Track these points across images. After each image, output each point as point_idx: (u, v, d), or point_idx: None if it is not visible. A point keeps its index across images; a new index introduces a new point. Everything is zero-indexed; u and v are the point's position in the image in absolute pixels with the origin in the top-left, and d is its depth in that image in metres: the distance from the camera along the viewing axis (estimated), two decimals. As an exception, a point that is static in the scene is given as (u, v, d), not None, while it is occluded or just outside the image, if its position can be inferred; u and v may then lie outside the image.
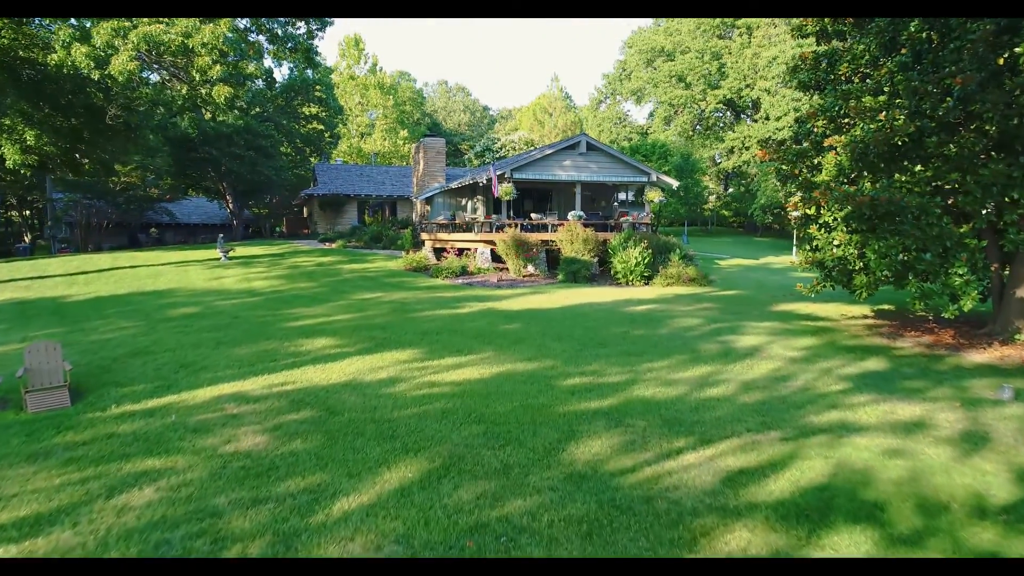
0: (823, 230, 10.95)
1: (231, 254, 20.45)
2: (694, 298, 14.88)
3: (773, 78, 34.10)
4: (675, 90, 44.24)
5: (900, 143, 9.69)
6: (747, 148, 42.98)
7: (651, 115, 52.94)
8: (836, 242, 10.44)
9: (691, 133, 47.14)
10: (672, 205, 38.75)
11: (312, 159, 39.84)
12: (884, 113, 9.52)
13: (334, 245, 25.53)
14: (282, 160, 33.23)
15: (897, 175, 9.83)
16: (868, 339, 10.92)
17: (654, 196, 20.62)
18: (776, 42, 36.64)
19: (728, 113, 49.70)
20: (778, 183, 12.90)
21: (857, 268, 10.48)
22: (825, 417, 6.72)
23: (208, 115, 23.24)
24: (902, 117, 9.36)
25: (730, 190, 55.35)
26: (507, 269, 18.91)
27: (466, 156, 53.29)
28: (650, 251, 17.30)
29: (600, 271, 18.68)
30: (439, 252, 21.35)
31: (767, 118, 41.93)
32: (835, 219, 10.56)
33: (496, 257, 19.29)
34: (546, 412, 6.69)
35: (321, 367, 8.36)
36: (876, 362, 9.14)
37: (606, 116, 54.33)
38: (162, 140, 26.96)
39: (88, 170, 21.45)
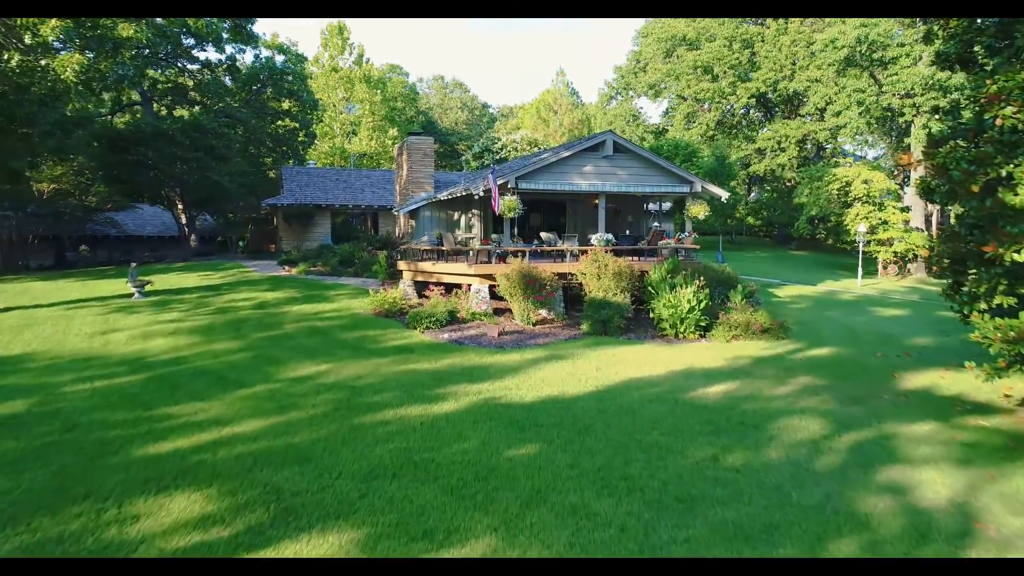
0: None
1: (148, 288, 15.79)
2: (780, 365, 10.37)
3: (829, 66, 29.27)
4: (701, 83, 39.43)
5: None
6: (783, 149, 38.20)
7: (667, 112, 48.25)
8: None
9: (713, 132, 42.34)
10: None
11: (289, 161, 35.22)
12: None
13: (294, 270, 20.69)
14: (239, 163, 28.28)
15: None
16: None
17: (699, 211, 16.08)
18: (830, 23, 31.83)
19: (752, 111, 45.01)
20: (936, 203, 8.47)
21: None
22: None
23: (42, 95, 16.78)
24: None
25: (752, 195, 50.83)
26: (511, 312, 14.36)
27: (463, 157, 48.53)
28: (706, 290, 12.73)
29: (634, 311, 14.03)
30: (421, 287, 16.66)
31: (802, 116, 37.38)
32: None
33: (496, 291, 14.68)
34: None
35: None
36: None
37: (617, 113, 49.68)
38: (88, 138, 22.20)
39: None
